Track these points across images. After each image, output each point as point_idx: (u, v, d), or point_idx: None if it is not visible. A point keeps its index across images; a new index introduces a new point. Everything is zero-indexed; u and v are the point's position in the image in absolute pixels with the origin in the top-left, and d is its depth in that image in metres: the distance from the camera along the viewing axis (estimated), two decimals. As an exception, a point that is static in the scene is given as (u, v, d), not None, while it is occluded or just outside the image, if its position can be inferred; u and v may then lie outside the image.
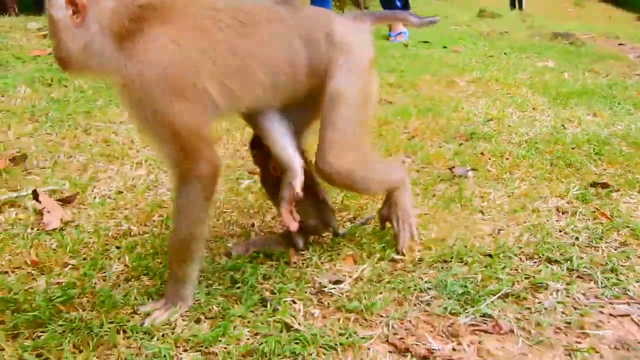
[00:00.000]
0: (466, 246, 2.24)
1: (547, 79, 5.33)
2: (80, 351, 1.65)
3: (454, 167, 2.96)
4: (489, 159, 3.15)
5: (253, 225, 2.43)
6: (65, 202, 2.50)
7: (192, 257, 1.86)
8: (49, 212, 2.35)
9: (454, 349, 1.74)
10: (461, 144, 3.38)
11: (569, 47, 7.88)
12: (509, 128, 3.70)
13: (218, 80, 1.77)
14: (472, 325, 1.84)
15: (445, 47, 6.98)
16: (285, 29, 1.92)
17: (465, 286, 2.00)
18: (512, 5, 15.17)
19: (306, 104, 2.04)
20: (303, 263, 2.13)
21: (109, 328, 1.72)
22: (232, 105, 1.86)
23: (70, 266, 2.07)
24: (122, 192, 2.66)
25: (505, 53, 6.88)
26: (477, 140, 3.43)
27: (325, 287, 1.99)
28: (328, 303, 1.92)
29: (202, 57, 1.74)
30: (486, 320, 1.86)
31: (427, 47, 6.97)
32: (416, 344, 1.75)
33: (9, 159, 2.88)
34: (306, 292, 1.96)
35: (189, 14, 1.76)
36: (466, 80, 5.08)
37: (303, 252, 2.19)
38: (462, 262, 2.15)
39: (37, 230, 2.30)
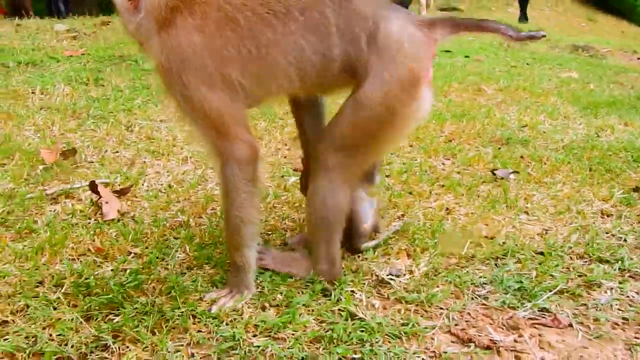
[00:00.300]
0: (517, 244, 2.28)
1: (574, 88, 5.38)
2: (154, 334, 1.70)
3: (495, 170, 3.00)
4: (529, 162, 3.19)
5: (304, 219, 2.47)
6: (119, 194, 2.55)
7: (247, 243, 1.90)
8: (106, 202, 2.40)
9: (515, 341, 1.78)
10: (499, 148, 3.42)
11: (589, 59, 7.94)
12: (543, 134, 3.75)
13: (241, 67, 1.81)
14: (531, 319, 1.88)
15: (467, 57, 7.04)
16: (322, 19, 1.80)
17: (521, 282, 2.04)
18: (524, 18, 15.22)
19: None
20: (359, 256, 2.18)
21: (181, 313, 1.77)
22: (259, 91, 1.89)
23: (133, 254, 2.12)
24: (172, 186, 2.71)
25: (527, 63, 6.94)
26: (514, 145, 3.48)
27: (383, 279, 2.03)
28: (387, 294, 1.96)
29: (225, 45, 1.79)
30: (544, 314, 1.90)
31: (449, 56, 7.03)
32: (478, 335, 1.79)
33: (59, 153, 2.93)
34: (364, 284, 2.00)
35: (218, 5, 1.81)
36: (493, 89, 5.13)
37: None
38: (514, 259, 2.19)
39: (95, 220, 2.36)
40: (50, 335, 1.68)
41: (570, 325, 1.85)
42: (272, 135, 3.46)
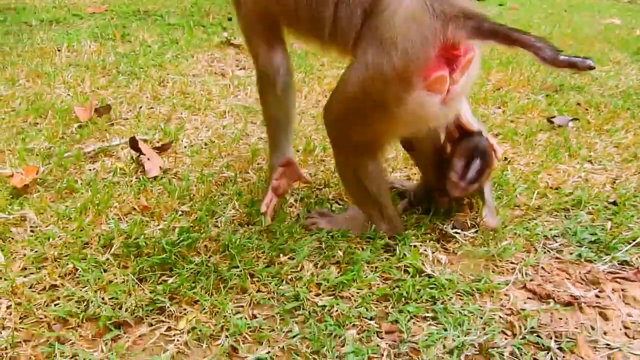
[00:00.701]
0: (586, 194, 2.13)
1: (619, 35, 5.11)
2: (212, 295, 1.60)
3: (552, 118, 2.82)
4: (586, 109, 3.01)
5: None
6: (160, 150, 2.43)
7: (273, 144, 2.03)
8: (148, 159, 2.29)
9: (597, 296, 1.65)
10: (551, 94, 3.23)
11: (629, 5, 7.58)
12: (596, 81, 3.54)
13: None
14: (611, 272, 1.75)
15: (501, 5, 6.75)
16: None
17: (595, 234, 1.90)
18: None
19: None
20: (418, 209, 2.05)
21: (239, 272, 1.67)
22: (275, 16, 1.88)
23: (181, 212, 2.01)
24: (213, 141, 2.59)
25: (565, 10, 6.63)
26: (568, 92, 3.28)
27: (447, 233, 1.90)
28: (453, 249, 1.84)
29: None
30: (625, 267, 1.77)
31: (481, 4, 6.74)
32: (557, 291, 1.66)
33: (94, 110, 2.81)
34: (427, 239, 1.88)
35: None
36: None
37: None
38: (586, 210, 2.04)
39: (137, 178, 2.25)
40: (103, 298, 1.58)
41: (655, 279, 1.72)
42: (311, 87, 3.30)
